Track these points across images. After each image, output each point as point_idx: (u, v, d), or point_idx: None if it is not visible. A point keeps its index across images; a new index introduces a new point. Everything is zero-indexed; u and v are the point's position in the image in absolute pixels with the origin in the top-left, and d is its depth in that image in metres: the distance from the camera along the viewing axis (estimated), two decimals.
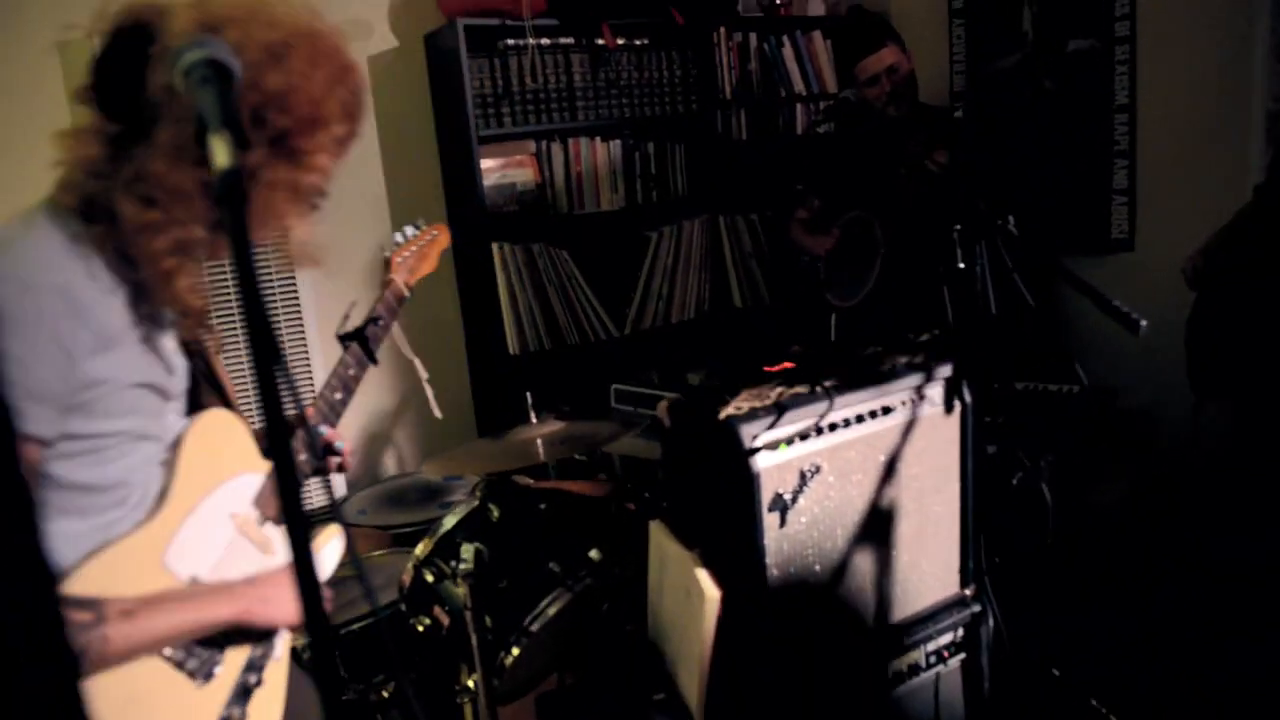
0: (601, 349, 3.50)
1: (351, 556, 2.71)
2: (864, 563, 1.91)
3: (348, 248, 3.39)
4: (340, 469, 1.62)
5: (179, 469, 1.23)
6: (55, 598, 0.49)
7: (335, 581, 2.61)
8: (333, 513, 3.23)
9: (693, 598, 1.79)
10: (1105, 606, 2.49)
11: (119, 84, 1.07)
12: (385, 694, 2.39)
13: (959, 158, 2.78)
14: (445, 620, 2.22)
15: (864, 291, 3.00)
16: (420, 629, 2.26)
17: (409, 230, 1.88)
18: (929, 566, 2.01)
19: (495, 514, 2.28)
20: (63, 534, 1.11)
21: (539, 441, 2.47)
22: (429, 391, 2.08)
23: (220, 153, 0.77)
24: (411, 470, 3.46)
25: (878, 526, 1.91)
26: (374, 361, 1.72)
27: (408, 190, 3.49)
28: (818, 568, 1.84)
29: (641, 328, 3.60)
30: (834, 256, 3.11)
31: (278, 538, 1.40)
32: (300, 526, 0.82)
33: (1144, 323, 1.76)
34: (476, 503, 2.30)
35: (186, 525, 1.23)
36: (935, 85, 3.66)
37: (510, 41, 3.29)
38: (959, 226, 2.08)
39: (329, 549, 1.57)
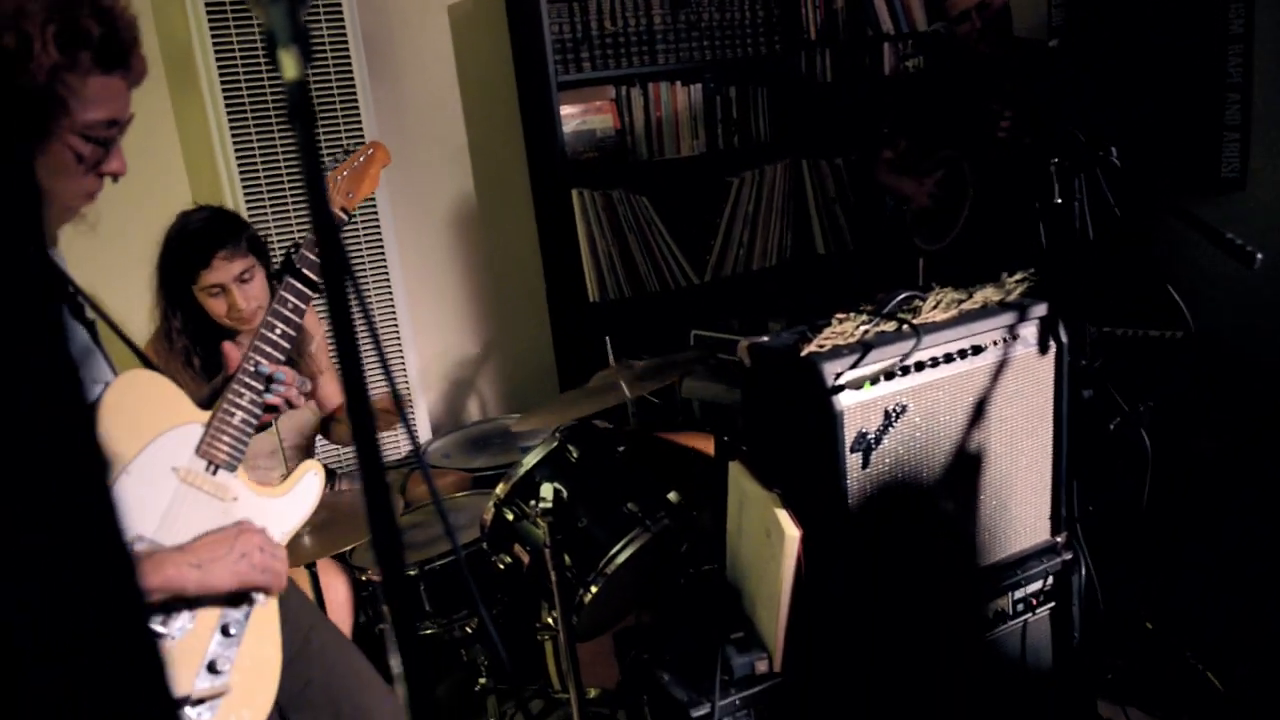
0: (682, 296, 3.47)
1: (433, 496, 2.78)
2: (950, 506, 1.86)
3: (430, 196, 3.42)
4: (289, 404, 1.55)
5: (99, 432, 1.25)
6: (63, 595, 0.49)
7: (418, 523, 2.68)
8: (417, 456, 3.30)
9: (772, 537, 1.77)
10: (1203, 559, 2.38)
11: None
12: (468, 629, 2.44)
13: (1056, 90, 2.64)
14: (526, 558, 2.25)
15: (953, 234, 2.89)
16: (501, 567, 2.30)
17: (339, 155, 1.81)
18: (1019, 512, 1.95)
19: (574, 455, 2.29)
20: None
21: (620, 381, 2.47)
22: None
23: (289, 66, 0.78)
24: (494, 416, 3.51)
25: (966, 469, 1.86)
26: (316, 291, 1.66)
27: (487, 138, 3.50)
28: (901, 510, 1.80)
29: (722, 275, 3.56)
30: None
31: (235, 484, 1.39)
32: (375, 472, 0.79)
33: (1260, 255, 1.65)
34: (556, 444, 2.31)
35: (120, 485, 1.24)
36: (1032, 17, 3.48)
37: None
38: (1056, 160, 1.98)
39: (304, 485, 1.54)
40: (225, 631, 1.31)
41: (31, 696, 0.46)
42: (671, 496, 2.22)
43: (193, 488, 1.33)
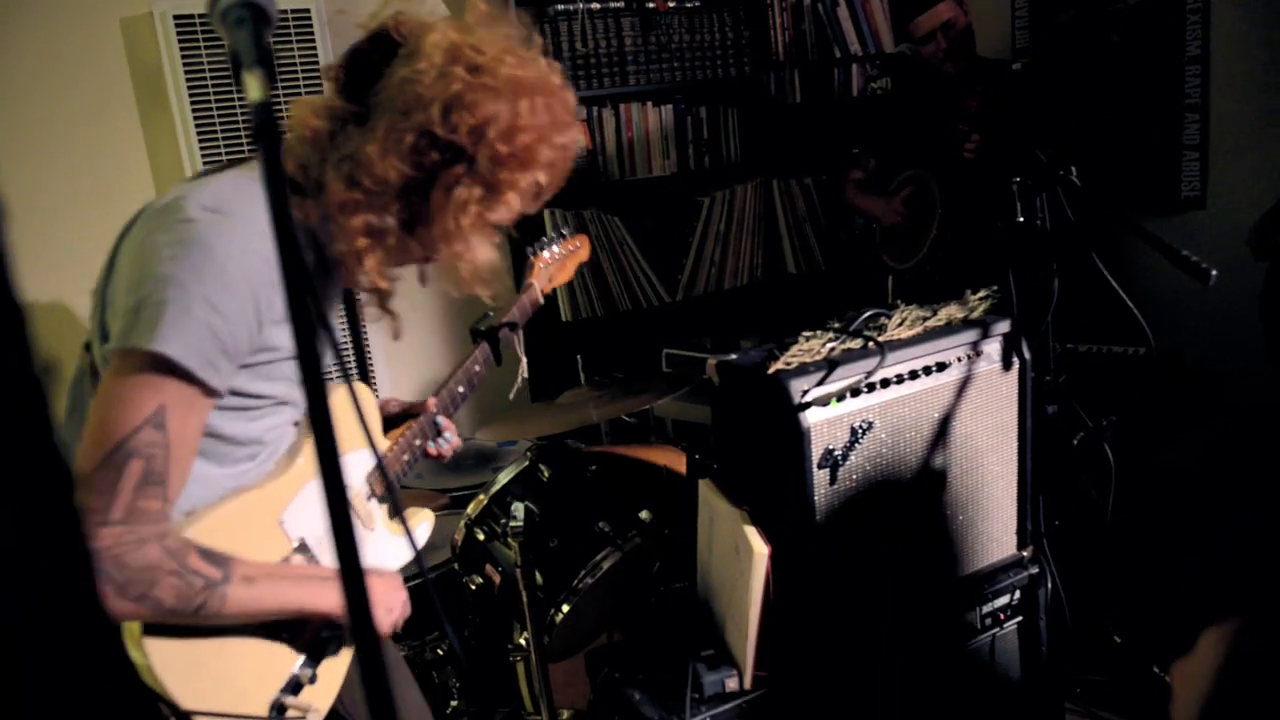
0: (653, 315, 3.48)
1: (400, 517, 2.76)
2: (917, 522, 1.87)
3: None
4: (440, 457, 1.70)
5: (307, 439, 1.28)
6: (69, 601, 0.49)
7: None
8: (383, 472, 3.28)
9: (741, 555, 1.78)
10: (1169, 572, 2.41)
11: (364, 72, 1.17)
12: (439, 651, 2.43)
13: (1019, 110, 2.69)
14: (497, 579, 2.24)
15: (922, 253, 2.93)
16: (473, 587, 2.29)
17: (555, 237, 1.91)
18: (985, 527, 1.97)
19: (546, 474, 2.29)
20: (199, 476, 1.15)
21: (590, 403, 2.48)
22: (519, 382, 2.12)
23: (253, 88, 0.79)
24: (466, 436, 3.49)
25: (932, 485, 1.88)
26: (499, 362, 1.78)
27: None
28: (869, 526, 1.81)
29: (694, 294, 3.58)
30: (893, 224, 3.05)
31: (378, 514, 1.45)
32: (340, 504, 0.79)
33: (1214, 272, 1.69)
34: (527, 463, 2.31)
35: (308, 489, 1.28)
36: (996, 40, 3.54)
37: (560, 7, 3.28)
38: (1018, 178, 2.02)
39: (420, 531, 1.63)
40: (315, 657, 1.33)
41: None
42: (643, 515, 2.23)
43: (352, 509, 1.34)
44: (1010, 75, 3.06)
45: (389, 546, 1.50)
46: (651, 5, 3.39)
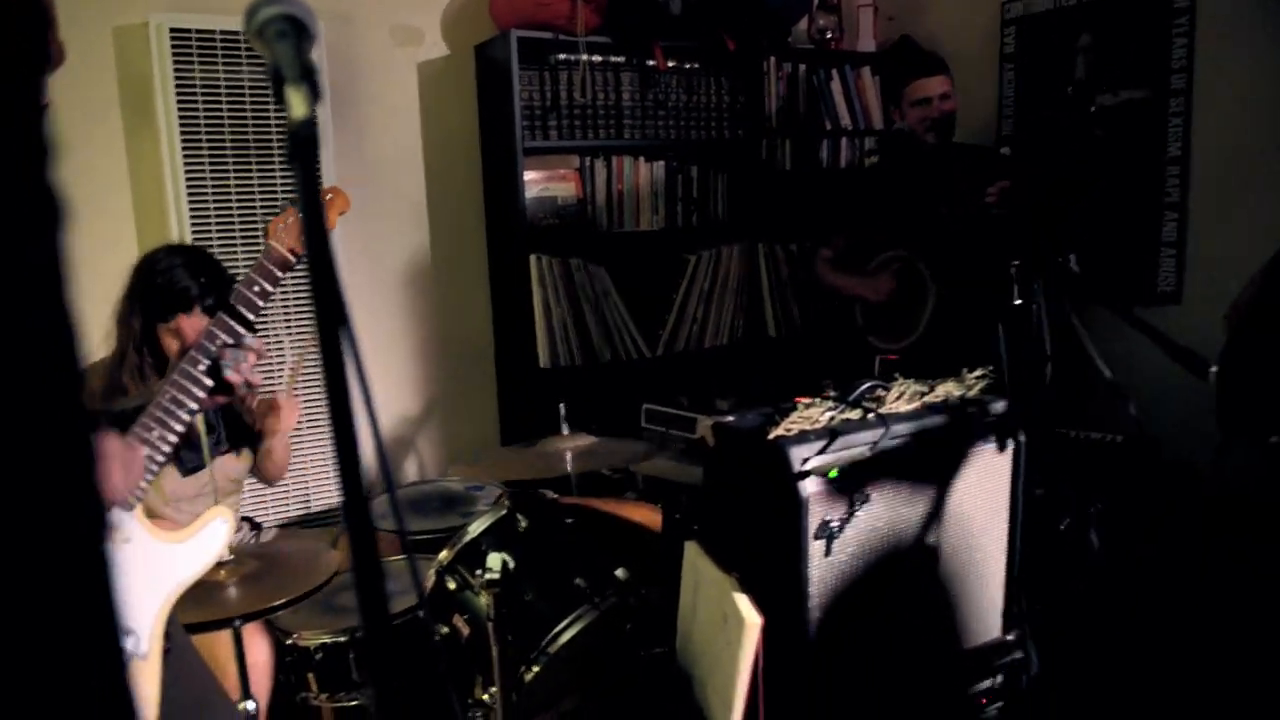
0: (633, 368, 3.45)
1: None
2: (909, 599, 1.85)
3: (384, 248, 3.37)
4: (249, 385, 1.60)
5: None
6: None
7: (348, 586, 2.56)
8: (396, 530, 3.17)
9: (730, 623, 1.72)
10: (1152, 659, 2.41)
11: None
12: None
13: (1017, 194, 2.74)
14: (465, 630, 2.16)
15: (915, 335, 2.93)
16: (437, 638, 2.20)
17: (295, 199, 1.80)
18: (972, 607, 1.94)
19: (523, 525, 2.22)
20: None
21: (568, 454, 2.42)
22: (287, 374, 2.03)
23: (297, 104, 0.76)
24: (433, 477, 3.41)
25: (924, 562, 1.85)
26: (249, 329, 1.63)
27: (447, 196, 3.47)
28: (860, 601, 1.77)
29: (674, 350, 3.56)
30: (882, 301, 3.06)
31: (130, 525, 1.34)
32: (362, 518, 0.74)
33: (1214, 368, 1.71)
34: (504, 512, 2.24)
35: None
36: (983, 130, 3.63)
37: (562, 56, 3.29)
38: (1017, 262, 2.05)
39: (208, 531, 1.49)
40: None
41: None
42: (619, 573, 2.16)
43: None
44: (998, 160, 3.13)
45: (165, 554, 1.37)
46: (652, 63, 3.42)
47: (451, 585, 2.18)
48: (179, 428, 1.44)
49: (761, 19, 3.49)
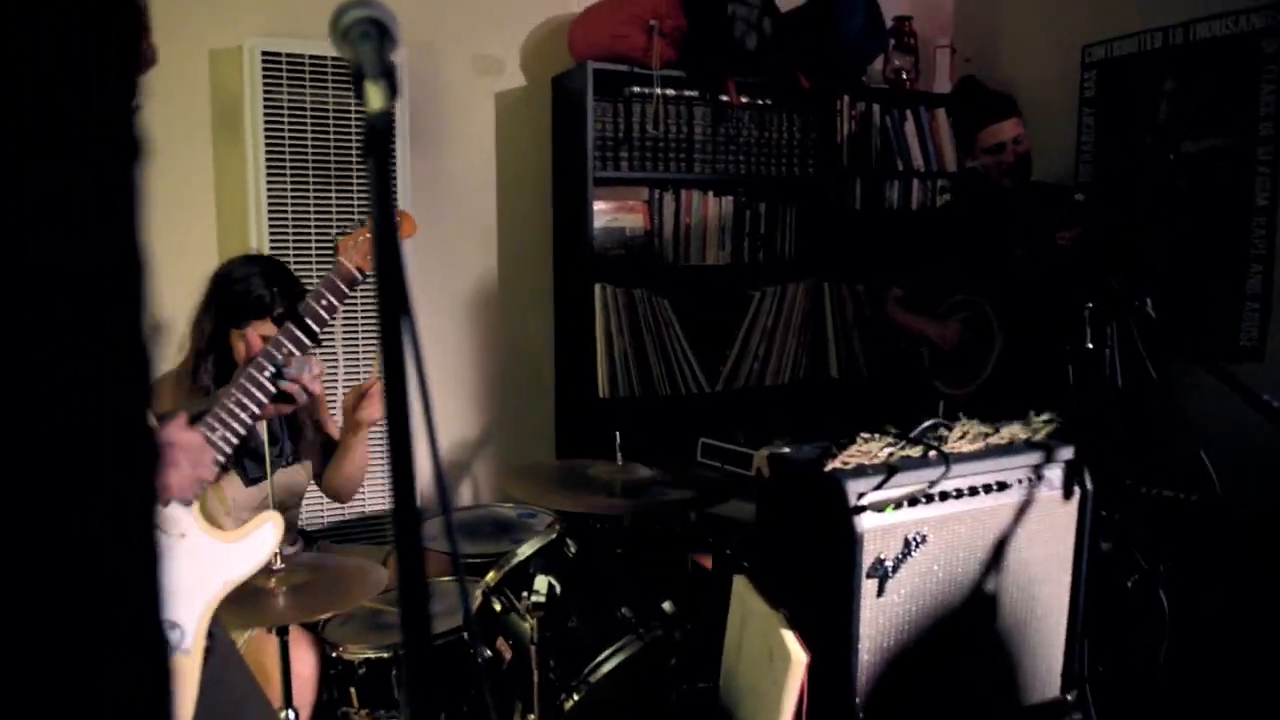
0: (691, 402, 3.43)
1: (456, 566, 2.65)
2: (962, 649, 1.78)
3: (452, 272, 3.42)
4: (307, 392, 1.59)
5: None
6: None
7: (394, 604, 2.57)
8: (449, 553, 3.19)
9: (775, 660, 1.68)
10: None
11: None
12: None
13: (1092, 236, 2.67)
14: (507, 654, 2.15)
15: (981, 379, 2.86)
16: (480, 660, 2.19)
17: (365, 220, 1.83)
18: (1029, 663, 1.86)
19: (572, 550, 2.21)
20: None
21: (619, 483, 2.40)
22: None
23: (375, 97, 0.79)
24: (486, 503, 3.42)
25: (981, 611, 1.78)
26: (314, 341, 1.65)
27: (517, 223, 3.52)
28: (912, 646, 1.71)
29: (734, 386, 3.53)
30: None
31: (185, 519, 1.35)
32: (411, 527, 0.74)
33: None
34: (554, 536, 2.23)
35: None
36: (1061, 174, 3.56)
37: (636, 89, 3.33)
38: (1091, 305, 1.98)
39: (259, 535, 1.49)
40: None
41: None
42: (666, 606, 2.13)
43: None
44: (1073, 204, 3.06)
45: (217, 553, 1.38)
46: (725, 98, 3.44)
47: (497, 607, 2.17)
48: (241, 431, 1.46)
49: (837, 58, 3.49)
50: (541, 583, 2.03)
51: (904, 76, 3.77)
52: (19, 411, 0.43)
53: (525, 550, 2.19)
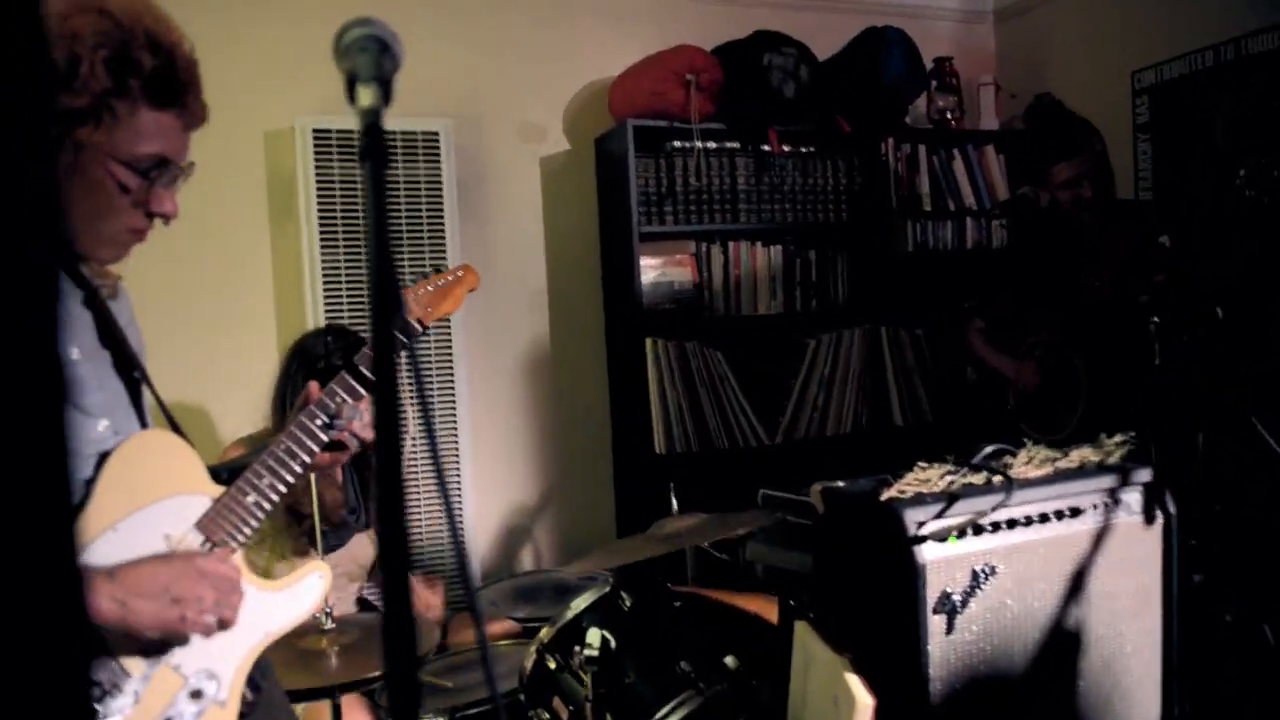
0: (750, 455, 3.35)
1: (478, 638, 2.60)
2: (1044, 690, 1.64)
3: (505, 336, 3.44)
4: (360, 441, 1.51)
5: (97, 484, 1.19)
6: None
7: (454, 667, 2.51)
8: (465, 602, 3.15)
9: (841, 706, 1.57)
10: None
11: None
12: None
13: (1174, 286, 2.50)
14: (564, 714, 2.06)
15: (1070, 428, 2.69)
16: None
17: (430, 271, 1.82)
18: (1121, 706, 1.71)
19: (627, 603, 2.13)
20: None
21: (681, 531, 2.34)
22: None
23: (365, 95, 0.80)
24: (548, 568, 3.36)
25: (1063, 648, 1.65)
26: (369, 390, 1.62)
27: (567, 283, 3.54)
28: (989, 688, 1.59)
29: (794, 437, 3.44)
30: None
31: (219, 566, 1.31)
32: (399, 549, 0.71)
33: None
34: (608, 589, 2.16)
35: (100, 542, 1.17)
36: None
37: (677, 143, 3.35)
38: (1156, 319, 1.88)
39: (305, 585, 1.43)
40: None
41: None
42: (729, 661, 2.03)
43: None
44: (1159, 248, 2.88)
45: (260, 602, 1.31)
46: (766, 148, 3.44)
47: (552, 665, 2.10)
48: (289, 479, 1.44)
49: (877, 100, 3.47)
50: (594, 636, 1.96)
51: (948, 116, 3.73)
52: None
53: (579, 605, 2.12)
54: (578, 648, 1.99)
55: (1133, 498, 1.73)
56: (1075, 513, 1.67)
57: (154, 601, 1.12)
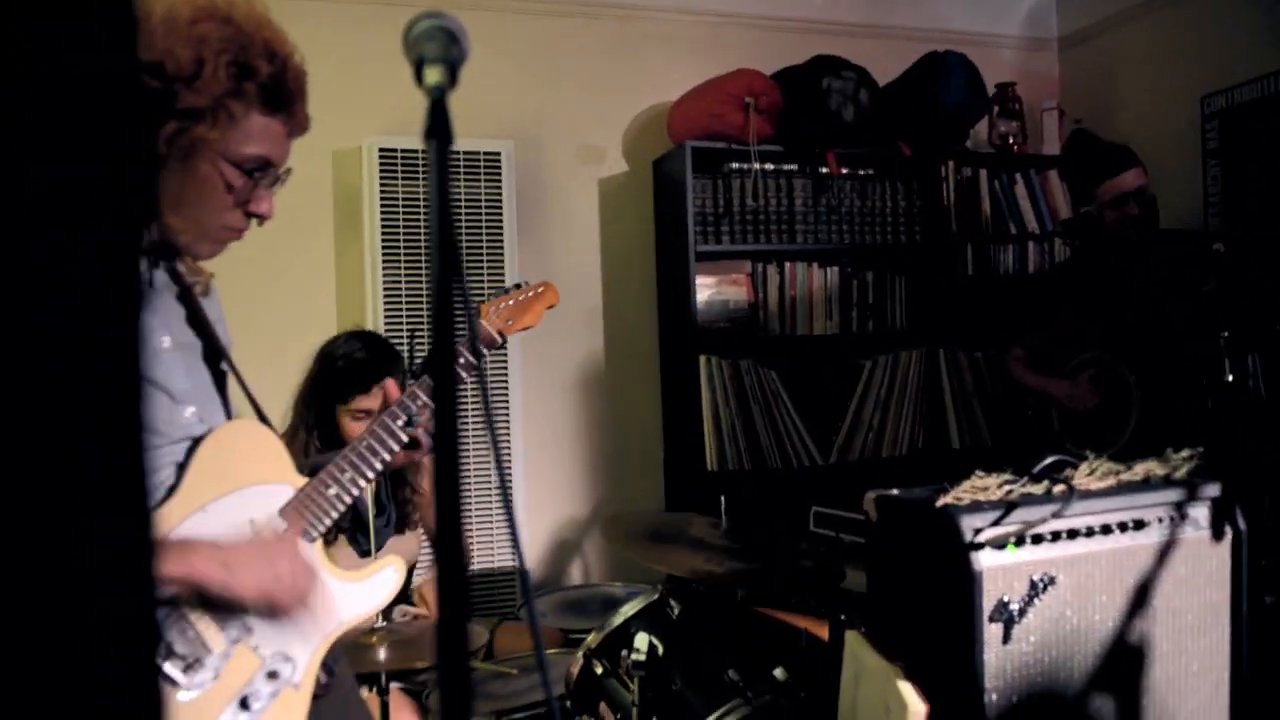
0: (803, 475, 3.32)
1: (535, 643, 2.62)
2: (1105, 706, 1.59)
3: (560, 353, 3.47)
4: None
5: (190, 467, 1.23)
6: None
7: (502, 674, 2.51)
8: (515, 614, 3.17)
9: (892, 714, 1.54)
10: None
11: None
12: None
13: (1232, 279, 2.47)
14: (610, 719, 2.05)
15: (1120, 445, 2.64)
16: None
17: (510, 287, 1.85)
18: None
19: (675, 611, 2.12)
20: None
21: (722, 551, 2.31)
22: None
23: (432, 74, 0.82)
24: (596, 582, 3.36)
25: (1125, 663, 1.60)
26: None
27: (622, 302, 3.57)
28: (1046, 700, 1.55)
29: (848, 458, 3.40)
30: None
31: (308, 554, 1.34)
32: (453, 518, 0.72)
33: None
34: (656, 596, 2.16)
35: (190, 521, 1.21)
36: (1186, 218, 3.37)
37: (734, 165, 3.37)
38: (1226, 334, 1.83)
39: (381, 577, 1.45)
40: (244, 704, 1.21)
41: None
42: (777, 673, 2.01)
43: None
44: (1211, 253, 2.86)
45: (337, 591, 1.35)
46: (824, 170, 3.44)
47: (599, 670, 2.10)
48: (370, 474, 1.49)
49: (938, 124, 3.46)
50: (642, 640, 1.95)
51: (1010, 141, 3.70)
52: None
53: (627, 610, 2.12)
54: (625, 652, 1.98)
55: (1200, 513, 1.68)
56: (1139, 525, 1.63)
57: (256, 571, 1.18)
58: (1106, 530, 1.60)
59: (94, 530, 0.44)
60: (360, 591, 1.41)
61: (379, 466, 1.46)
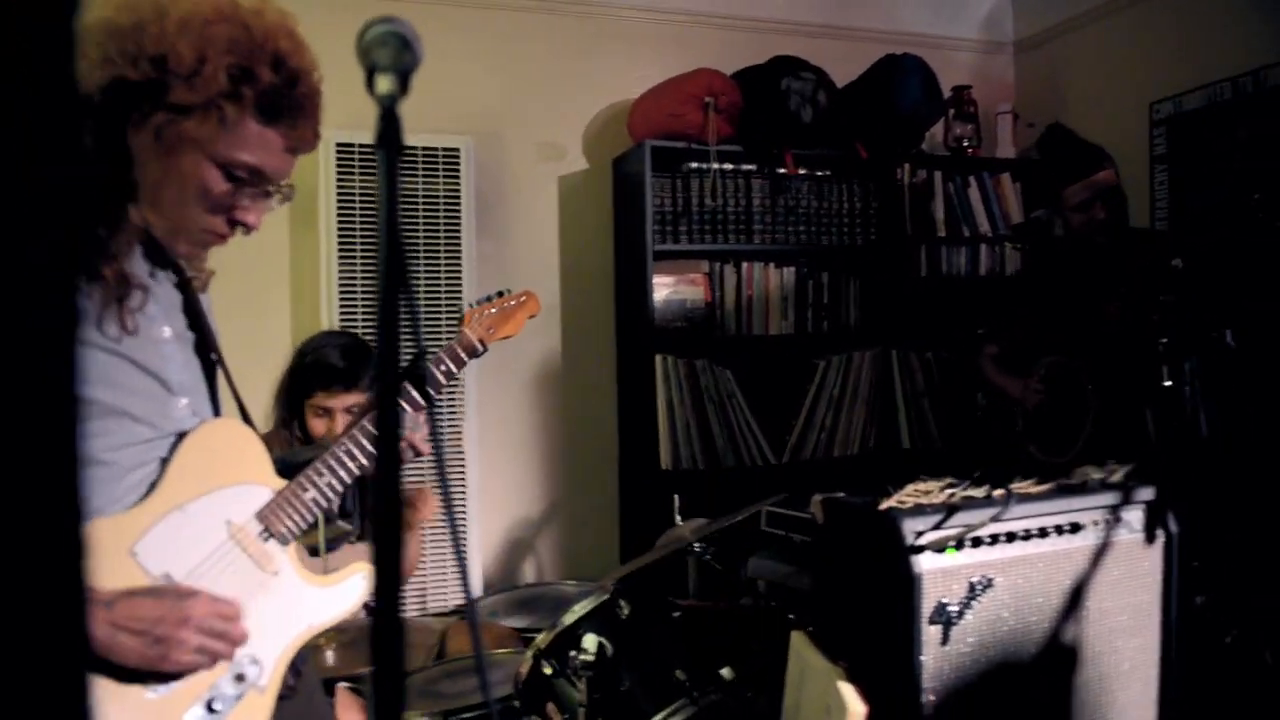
0: (756, 475, 3.35)
1: (474, 644, 2.62)
2: (1039, 703, 1.63)
3: (517, 354, 3.46)
4: (415, 450, 1.61)
5: (172, 464, 1.23)
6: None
7: (450, 673, 2.51)
8: (465, 612, 3.16)
9: (833, 715, 1.57)
10: None
11: None
12: None
13: (1185, 291, 2.49)
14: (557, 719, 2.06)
15: (1078, 448, 2.67)
16: None
17: (494, 295, 1.86)
18: None
19: (625, 611, 2.13)
20: None
21: (686, 532, 2.34)
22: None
23: (383, 83, 0.81)
24: (550, 580, 3.36)
25: (1059, 664, 1.64)
26: (429, 403, 1.65)
27: (580, 300, 3.56)
28: (982, 701, 1.58)
29: (800, 458, 3.44)
30: (1037, 406, 2.86)
31: (281, 558, 1.34)
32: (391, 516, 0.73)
33: None
34: (606, 597, 2.16)
35: (168, 520, 1.20)
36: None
37: (694, 165, 3.38)
38: (1165, 340, 1.88)
39: (350, 583, 1.44)
40: (209, 707, 1.20)
41: None
42: (724, 672, 2.03)
43: (238, 547, 1.28)
44: (1170, 270, 2.87)
45: (307, 595, 1.35)
46: (782, 171, 3.47)
47: (548, 671, 2.10)
48: (346, 478, 1.48)
49: (894, 127, 3.50)
50: (590, 641, 1.96)
51: (965, 144, 3.75)
52: None
53: (576, 611, 2.12)
54: (573, 653, 1.99)
55: (1134, 516, 1.73)
56: (1075, 528, 1.67)
57: (138, 639, 1.14)
58: (1043, 533, 1.64)
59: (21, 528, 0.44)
60: (329, 596, 1.42)
61: (356, 471, 1.46)
